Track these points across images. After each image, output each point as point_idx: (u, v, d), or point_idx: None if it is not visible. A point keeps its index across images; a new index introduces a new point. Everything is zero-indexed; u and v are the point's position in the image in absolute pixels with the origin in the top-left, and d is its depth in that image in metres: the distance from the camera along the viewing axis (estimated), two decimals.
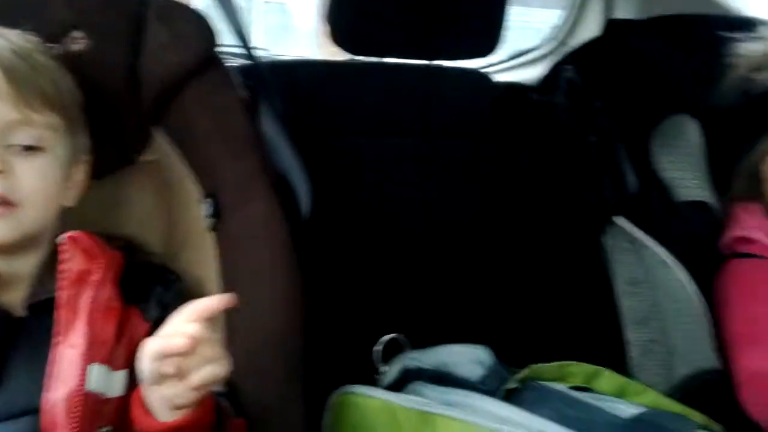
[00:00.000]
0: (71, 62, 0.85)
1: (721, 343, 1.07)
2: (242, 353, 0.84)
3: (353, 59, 1.39)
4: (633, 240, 1.13)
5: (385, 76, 1.37)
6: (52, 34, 0.87)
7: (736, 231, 1.09)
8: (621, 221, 1.15)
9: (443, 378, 0.99)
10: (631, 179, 1.16)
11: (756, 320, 1.02)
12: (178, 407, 0.66)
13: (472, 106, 1.37)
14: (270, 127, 1.07)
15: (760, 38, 1.24)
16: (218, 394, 0.78)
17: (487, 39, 1.35)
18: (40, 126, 0.77)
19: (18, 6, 0.89)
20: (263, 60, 1.30)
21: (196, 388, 0.65)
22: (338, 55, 1.37)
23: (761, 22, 1.30)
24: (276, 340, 0.87)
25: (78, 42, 0.90)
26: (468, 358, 1.01)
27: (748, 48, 1.18)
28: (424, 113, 1.36)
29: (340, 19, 1.29)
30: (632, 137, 1.22)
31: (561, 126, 1.31)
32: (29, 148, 0.77)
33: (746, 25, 1.27)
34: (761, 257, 1.06)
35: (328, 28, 1.30)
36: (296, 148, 1.07)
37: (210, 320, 0.66)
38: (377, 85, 1.35)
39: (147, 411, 0.68)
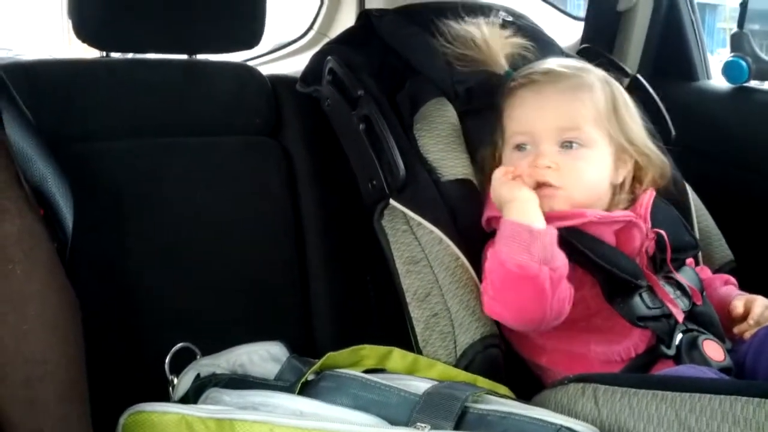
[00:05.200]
0: None
1: None
2: (14, 385, 0.79)
3: (105, 56, 1.31)
4: (408, 221, 1.17)
5: (142, 73, 1.30)
6: None
7: (491, 211, 1.17)
8: (396, 204, 1.18)
9: (239, 380, 0.96)
10: (400, 164, 1.19)
11: None
12: None
13: (241, 99, 1.35)
14: (18, 136, 0.97)
15: (497, 21, 1.34)
16: None
17: (249, 31, 1.32)
18: None
19: None
20: (3, 61, 1.18)
21: None
22: (91, 51, 1.28)
23: (499, 8, 1.42)
24: (51, 365, 0.81)
25: None
26: (262, 356, 1.00)
27: (485, 31, 1.27)
28: (189, 110, 1.31)
29: (84, 12, 1.20)
30: (398, 122, 1.27)
31: (329, 116, 1.33)
32: None
33: (485, 10, 1.37)
34: None
35: (72, 23, 1.21)
36: (51, 157, 0.98)
37: None
38: (134, 83, 1.27)
39: None
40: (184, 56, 1.34)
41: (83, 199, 0.99)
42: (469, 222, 1.18)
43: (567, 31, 1.79)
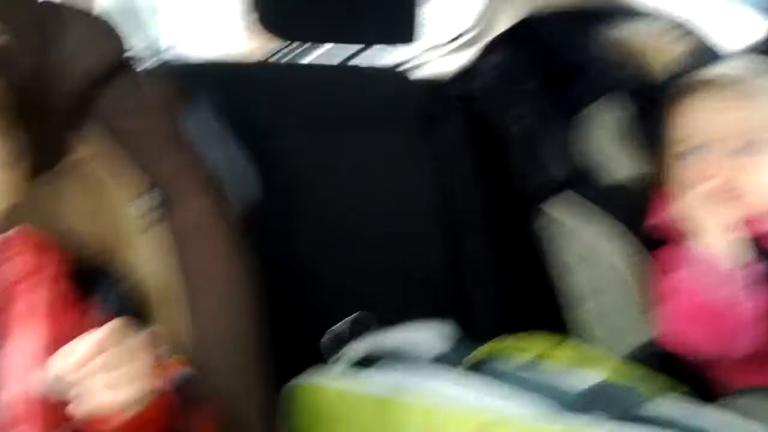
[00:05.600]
0: None
1: None
2: (196, 347, 0.84)
3: (269, 60, 1.38)
4: (570, 221, 1.15)
5: (304, 75, 1.38)
6: None
7: (662, 216, 1.12)
8: (557, 203, 1.16)
9: (405, 356, 0.97)
10: (560, 163, 1.18)
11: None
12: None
13: (396, 99, 1.37)
14: (199, 127, 1.04)
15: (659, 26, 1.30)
16: (184, 385, 0.76)
17: (407, 26, 1.35)
18: None
19: None
20: (180, 60, 1.27)
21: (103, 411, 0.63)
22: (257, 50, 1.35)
23: (660, 12, 1.38)
24: (231, 332, 0.86)
25: None
26: (429, 335, 1.00)
27: (648, 35, 1.24)
28: (346, 110, 1.35)
29: (268, 4, 1.28)
30: (559, 121, 1.25)
31: (484, 116, 1.33)
32: None
33: (646, 14, 1.34)
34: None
35: (253, 17, 1.27)
36: (229, 146, 1.04)
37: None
38: (296, 83, 1.34)
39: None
40: (342, 58, 1.38)
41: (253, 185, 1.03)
42: (635, 224, 1.14)
43: (745, 27, 1.70)
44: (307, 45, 1.42)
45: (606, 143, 1.21)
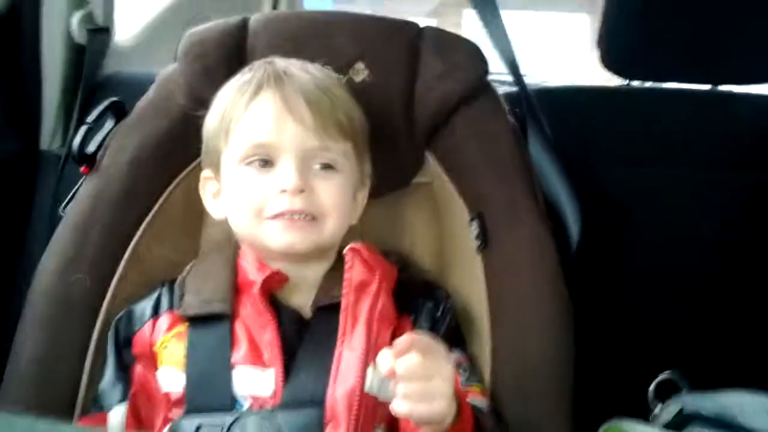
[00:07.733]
0: (355, 91, 0.91)
1: None
2: (507, 374, 0.86)
3: (627, 85, 1.34)
4: None
5: (661, 103, 1.31)
6: (338, 66, 0.93)
7: None
8: None
9: (726, 425, 0.89)
10: None
11: None
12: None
13: (766, 134, 1.25)
14: (539, 154, 1.05)
15: None
16: (483, 411, 0.80)
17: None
18: (335, 152, 0.85)
19: (308, 39, 0.97)
20: (532, 86, 1.30)
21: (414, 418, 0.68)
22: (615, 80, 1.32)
23: None
24: (542, 363, 0.87)
25: (361, 73, 0.96)
26: (757, 407, 0.90)
27: None
28: (706, 142, 1.26)
29: (612, 42, 1.24)
30: None
31: None
32: (326, 169, 0.84)
33: None
34: None
35: (599, 52, 1.26)
36: (566, 176, 1.04)
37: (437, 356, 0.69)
38: (653, 111, 1.28)
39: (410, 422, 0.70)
40: (706, 86, 1.30)
41: (590, 217, 1.02)
42: None
43: None
44: None
45: None
